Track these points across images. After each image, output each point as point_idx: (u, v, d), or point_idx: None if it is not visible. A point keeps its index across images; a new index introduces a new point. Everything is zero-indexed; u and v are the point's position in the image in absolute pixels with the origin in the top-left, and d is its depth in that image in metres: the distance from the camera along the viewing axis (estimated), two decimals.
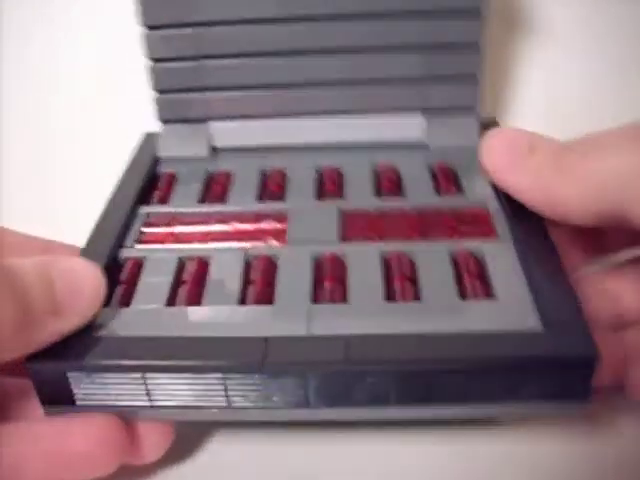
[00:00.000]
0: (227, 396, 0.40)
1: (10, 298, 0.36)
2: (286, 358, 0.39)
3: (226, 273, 0.46)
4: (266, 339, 0.40)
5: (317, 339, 0.40)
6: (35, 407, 0.41)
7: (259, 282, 0.46)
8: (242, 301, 0.44)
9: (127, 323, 0.43)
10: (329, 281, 0.45)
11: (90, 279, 0.41)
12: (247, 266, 0.47)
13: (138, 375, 0.40)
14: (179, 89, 0.58)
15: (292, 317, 0.42)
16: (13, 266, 0.38)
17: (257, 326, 0.42)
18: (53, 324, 0.39)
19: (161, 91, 0.58)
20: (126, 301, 0.45)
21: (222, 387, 0.40)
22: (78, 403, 0.41)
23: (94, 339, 0.41)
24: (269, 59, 0.56)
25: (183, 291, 0.46)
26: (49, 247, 0.46)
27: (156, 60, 0.57)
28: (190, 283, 0.46)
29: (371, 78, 0.57)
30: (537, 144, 0.44)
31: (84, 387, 0.41)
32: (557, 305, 0.41)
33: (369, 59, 0.56)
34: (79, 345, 0.41)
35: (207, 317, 0.43)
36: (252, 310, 0.43)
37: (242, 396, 0.40)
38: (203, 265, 0.47)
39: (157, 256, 0.48)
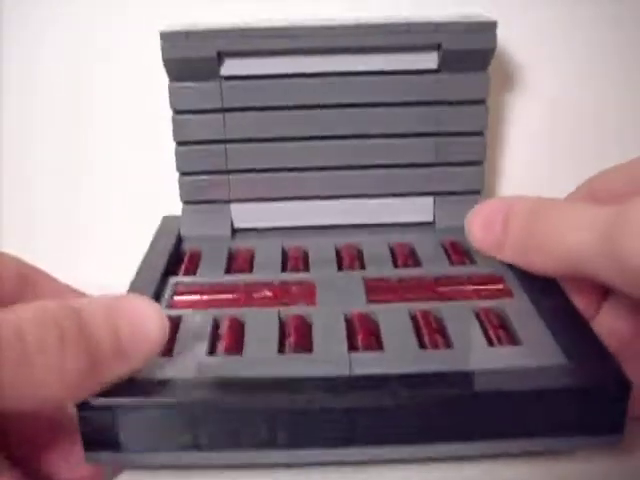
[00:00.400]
0: (275, 436, 0.41)
1: (78, 344, 0.37)
2: (334, 396, 0.41)
3: (261, 329, 0.48)
4: (313, 379, 0.41)
5: (362, 378, 0.42)
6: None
7: (295, 335, 0.47)
8: (281, 351, 0.46)
9: (172, 369, 0.44)
10: (362, 334, 0.47)
11: (154, 321, 0.41)
12: (282, 324, 0.49)
13: (186, 416, 0.41)
14: (202, 171, 0.61)
15: (333, 361, 0.44)
16: (81, 309, 0.38)
17: (301, 369, 0.43)
18: (118, 368, 0.39)
19: (185, 173, 0.61)
20: (165, 353, 0.46)
21: (270, 426, 0.41)
22: (125, 446, 0.41)
23: (141, 381, 0.42)
24: (289, 144, 0.60)
25: (222, 344, 0.47)
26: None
27: (181, 143, 0.60)
28: (227, 338, 0.48)
29: (384, 163, 0.61)
30: (510, 217, 0.48)
31: (131, 429, 0.41)
32: (581, 343, 0.44)
33: (382, 145, 0.61)
34: (128, 388, 0.41)
35: (249, 363, 0.44)
36: (293, 357, 0.45)
37: (290, 435, 0.41)
38: (238, 324, 0.49)
39: (193, 315, 0.50)
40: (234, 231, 0.62)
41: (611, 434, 0.42)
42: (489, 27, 0.57)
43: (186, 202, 0.62)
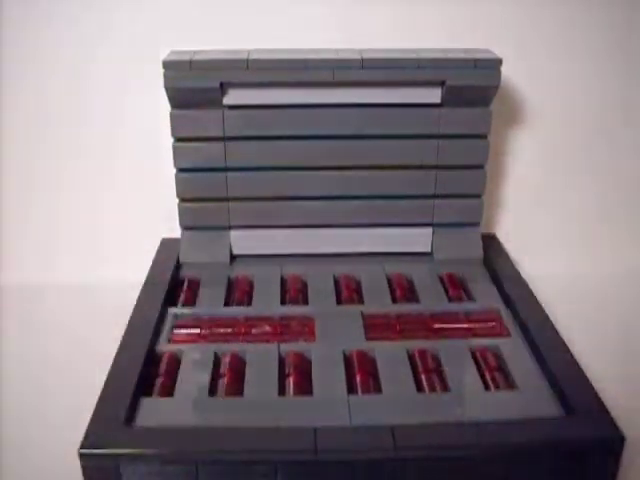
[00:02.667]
0: None
1: None
2: (336, 447, 0.41)
3: (262, 367, 0.48)
4: (315, 430, 0.42)
5: (363, 429, 0.42)
6: None
7: (295, 375, 0.48)
8: (281, 392, 0.46)
9: (173, 413, 0.44)
10: (361, 374, 0.48)
11: None
12: (281, 361, 0.49)
13: (191, 467, 0.41)
14: (202, 198, 0.61)
15: (333, 408, 0.44)
16: None
17: (302, 417, 0.43)
18: None
19: (185, 199, 0.61)
20: (168, 392, 0.46)
21: (271, 476, 0.41)
22: None
23: (144, 429, 0.43)
24: (289, 172, 0.61)
25: (222, 383, 0.47)
26: None
27: (182, 169, 0.60)
28: (228, 376, 0.48)
29: (384, 194, 0.62)
30: None
31: (134, 479, 0.41)
32: (575, 392, 0.45)
33: (383, 176, 0.61)
34: (130, 435, 0.42)
35: (249, 408, 0.44)
36: (293, 402, 0.45)
37: None
38: (239, 360, 0.49)
39: (194, 351, 0.50)
40: (233, 257, 0.63)
41: None
42: (494, 64, 0.57)
43: (185, 228, 0.62)
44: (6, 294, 0.66)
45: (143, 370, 0.48)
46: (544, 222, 0.70)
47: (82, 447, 0.41)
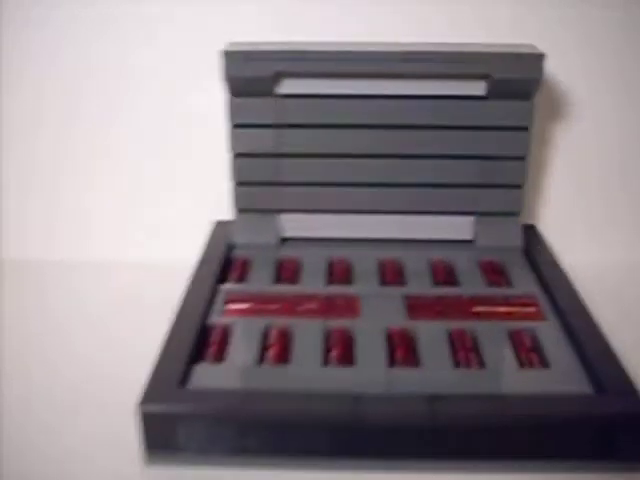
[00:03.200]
0: (316, 446, 0.45)
1: None
2: (375, 412, 0.44)
3: (307, 340, 0.51)
4: (355, 397, 0.45)
5: (400, 397, 0.45)
6: None
7: (339, 348, 0.51)
8: (325, 363, 0.49)
9: (224, 378, 0.47)
10: (401, 350, 0.51)
11: None
12: (326, 335, 0.52)
13: (238, 425, 0.44)
14: (256, 182, 0.65)
15: (373, 378, 0.47)
16: None
17: (343, 385, 0.47)
18: None
19: (240, 183, 0.65)
20: (219, 359, 0.50)
21: (312, 437, 0.44)
22: (180, 448, 0.45)
23: (197, 391, 0.46)
24: (338, 160, 0.64)
25: (270, 353, 0.51)
26: None
27: (238, 155, 0.64)
28: (275, 347, 0.51)
29: (429, 182, 0.64)
30: None
31: (187, 435, 0.45)
32: (606, 372, 0.47)
33: (428, 165, 0.64)
34: (184, 395, 0.45)
35: (295, 375, 0.48)
36: (336, 371, 0.48)
37: (330, 445, 0.44)
38: (286, 334, 0.52)
39: (244, 324, 0.53)
40: (282, 240, 0.66)
41: (632, 462, 0.45)
42: (536, 59, 0.59)
43: (239, 210, 0.66)
44: (69, 270, 0.70)
45: (196, 339, 0.51)
46: (585, 214, 0.72)
47: (142, 403, 0.44)
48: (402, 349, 0.51)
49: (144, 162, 0.72)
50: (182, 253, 0.63)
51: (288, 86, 0.61)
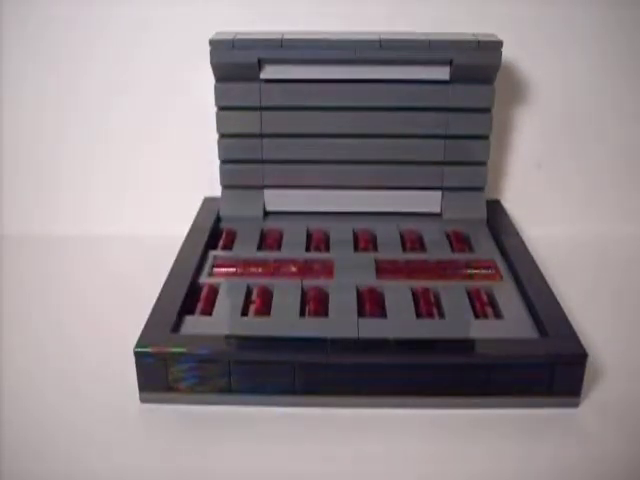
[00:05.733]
0: (294, 384, 0.50)
1: None
2: (344, 354, 0.50)
3: (286, 297, 0.57)
4: (327, 339, 0.51)
5: (367, 341, 0.51)
6: None
7: (314, 303, 0.57)
8: (302, 315, 0.55)
9: (211, 327, 0.53)
10: (370, 304, 0.57)
11: None
12: (303, 293, 0.58)
13: (223, 366, 0.50)
14: (240, 160, 0.70)
15: (345, 325, 0.53)
16: None
17: (317, 331, 0.52)
18: None
19: (225, 161, 0.71)
20: (207, 312, 0.56)
21: (291, 376, 0.50)
22: (171, 386, 0.51)
23: (187, 336, 0.52)
24: (317, 139, 0.69)
25: (253, 307, 0.57)
26: None
27: (223, 135, 0.70)
28: (257, 302, 0.57)
29: (400, 160, 0.70)
30: None
31: (177, 374, 0.50)
32: (549, 320, 0.53)
33: (399, 144, 0.70)
34: (176, 339, 0.51)
35: (275, 324, 0.54)
36: (312, 321, 0.54)
37: (307, 384, 0.50)
38: (267, 291, 0.58)
39: (230, 284, 0.59)
40: (266, 213, 0.72)
41: (570, 396, 0.51)
42: (495, 46, 0.65)
43: (225, 186, 0.72)
44: (71, 244, 0.76)
45: (187, 295, 0.57)
46: (544, 189, 0.78)
47: (137, 346, 0.50)
48: (371, 303, 0.57)
49: (140, 143, 0.78)
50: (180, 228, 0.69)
51: (270, 72, 0.67)
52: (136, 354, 0.50)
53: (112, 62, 0.75)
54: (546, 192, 0.78)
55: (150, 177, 0.78)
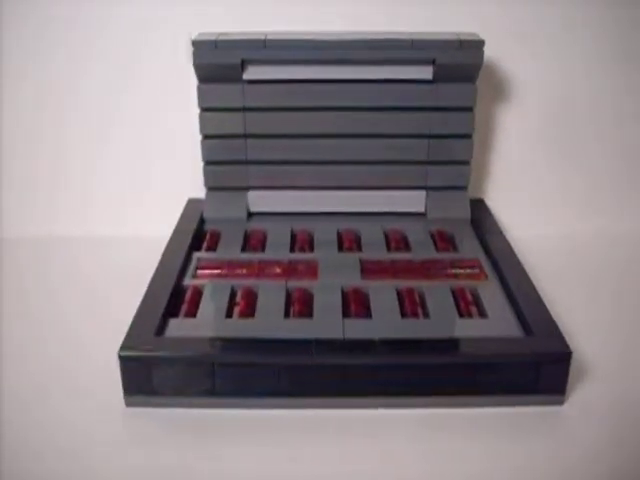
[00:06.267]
0: (279, 386, 0.50)
1: None
2: (329, 355, 0.50)
3: (271, 298, 0.57)
4: (312, 341, 0.51)
5: (352, 342, 0.51)
6: None
7: (299, 304, 0.57)
8: (286, 316, 0.55)
9: (195, 329, 0.53)
10: (355, 304, 0.57)
11: None
12: (288, 294, 0.58)
13: (208, 368, 0.50)
14: (224, 161, 0.70)
15: (330, 326, 0.53)
16: None
17: (302, 332, 0.52)
18: None
19: (209, 162, 0.70)
20: (191, 314, 0.55)
21: (275, 378, 0.50)
22: (155, 389, 0.50)
23: (171, 339, 0.52)
24: (301, 140, 0.69)
25: (237, 309, 0.56)
26: None
27: (206, 136, 0.69)
28: (242, 304, 0.57)
29: (383, 160, 0.70)
30: None
31: (162, 378, 0.50)
32: (534, 318, 0.53)
33: (382, 144, 0.70)
34: (160, 342, 0.51)
35: (259, 326, 0.53)
36: (296, 322, 0.54)
37: (291, 386, 0.50)
38: (252, 293, 0.58)
39: (214, 285, 0.59)
40: (250, 214, 0.72)
41: (555, 394, 0.51)
42: (477, 45, 0.65)
43: (209, 188, 0.71)
44: (51, 245, 0.76)
45: (171, 298, 0.56)
46: (528, 188, 0.78)
47: (121, 350, 0.50)
48: (356, 304, 0.57)
49: (123, 145, 0.78)
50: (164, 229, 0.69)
51: (253, 72, 0.67)
52: (120, 358, 0.50)
53: (101, 73, 0.75)
54: (530, 191, 0.78)
55: (133, 179, 0.78)
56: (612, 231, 0.78)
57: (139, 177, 0.78)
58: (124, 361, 0.50)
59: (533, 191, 0.79)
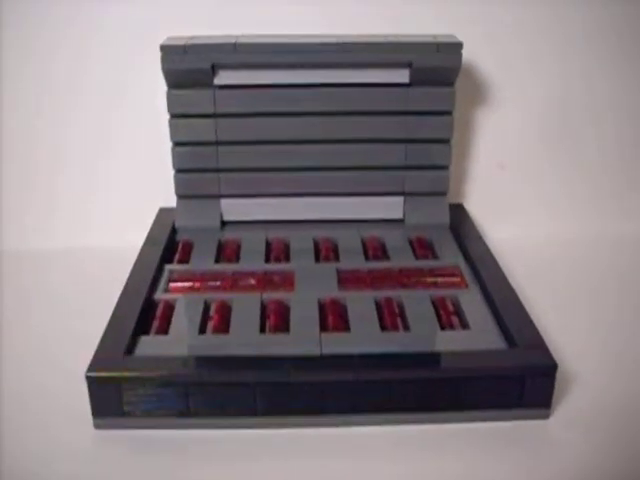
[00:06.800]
0: (255, 406, 0.48)
1: None
2: (306, 373, 0.48)
3: (246, 312, 0.55)
4: (289, 357, 0.49)
5: (330, 357, 0.49)
6: None
7: (274, 317, 0.55)
8: (262, 331, 0.53)
9: (168, 347, 0.51)
10: (332, 316, 0.55)
11: None
12: (263, 307, 0.56)
13: (181, 388, 0.48)
14: (195, 169, 0.68)
15: (307, 341, 0.51)
16: None
17: (278, 348, 0.50)
18: None
19: (180, 170, 0.68)
20: (163, 331, 0.53)
21: (252, 397, 0.48)
22: (126, 412, 0.48)
23: (142, 358, 0.49)
24: (274, 146, 0.67)
25: (211, 325, 0.54)
26: None
27: (177, 143, 0.67)
28: (216, 319, 0.55)
29: (360, 165, 0.68)
30: None
31: (133, 399, 0.48)
32: (518, 330, 0.51)
33: (359, 149, 0.68)
34: (130, 362, 0.49)
35: (234, 342, 0.51)
36: (272, 337, 0.52)
37: (268, 404, 0.48)
38: (225, 307, 0.56)
39: (186, 299, 0.57)
40: (223, 223, 0.70)
41: (541, 408, 0.49)
42: (455, 48, 0.64)
43: (180, 196, 0.69)
44: (13, 259, 0.73)
45: (141, 314, 0.54)
46: (507, 192, 0.77)
47: (89, 370, 0.47)
48: (333, 316, 0.55)
49: (93, 153, 0.75)
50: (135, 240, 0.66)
51: (224, 77, 0.65)
52: (88, 379, 0.47)
53: (65, 68, 0.72)
54: (509, 195, 0.77)
55: (104, 187, 0.75)
56: (601, 234, 0.77)
57: (107, 185, 0.75)
58: (92, 382, 0.48)
59: (512, 195, 0.77)
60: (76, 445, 0.48)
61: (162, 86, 0.66)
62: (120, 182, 0.75)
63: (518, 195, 0.77)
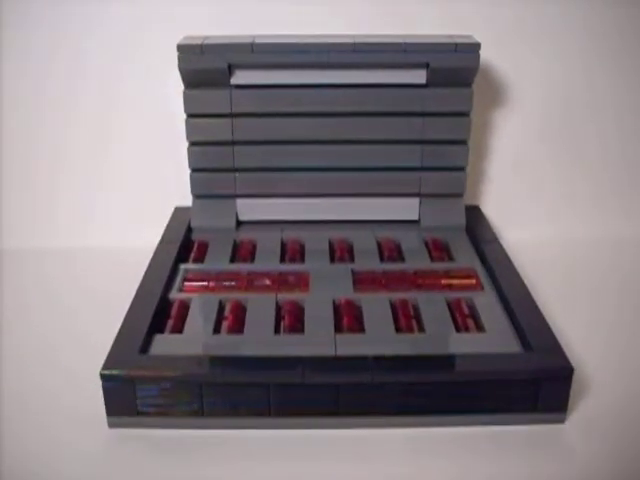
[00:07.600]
0: (269, 407, 0.48)
1: None
2: (321, 374, 0.48)
3: (260, 312, 0.55)
4: (303, 358, 0.48)
5: (345, 359, 0.49)
6: None
7: (289, 318, 0.55)
8: (277, 331, 0.53)
9: (182, 346, 0.51)
10: (347, 318, 0.54)
11: None
12: (278, 308, 0.56)
13: (195, 388, 0.48)
14: (211, 169, 0.68)
15: (321, 342, 0.51)
16: None
17: (292, 349, 0.50)
18: None
19: (196, 170, 0.68)
20: (177, 330, 0.53)
21: (265, 398, 0.48)
22: (140, 411, 0.48)
23: (156, 357, 0.49)
24: (290, 146, 0.67)
25: (225, 325, 0.54)
26: None
27: (193, 143, 0.67)
28: (230, 319, 0.55)
29: (376, 166, 0.68)
30: None
31: (147, 399, 0.48)
32: (533, 333, 0.51)
33: (375, 150, 0.67)
34: (144, 361, 0.49)
35: (249, 342, 0.51)
36: (287, 338, 0.52)
37: (282, 405, 0.48)
38: (240, 307, 0.56)
39: (201, 299, 0.57)
40: (239, 223, 0.69)
41: (556, 412, 0.49)
42: (473, 48, 0.63)
43: (196, 196, 0.69)
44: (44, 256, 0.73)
45: (156, 313, 0.54)
46: (525, 194, 0.76)
47: (103, 369, 0.47)
48: (348, 318, 0.55)
49: (110, 153, 0.75)
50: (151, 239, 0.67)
51: (241, 77, 0.65)
52: (102, 377, 0.47)
53: (73, 69, 0.72)
54: (526, 197, 0.77)
55: (120, 187, 0.75)
56: (615, 236, 0.76)
57: (124, 185, 0.75)
58: (106, 380, 0.47)
59: (530, 196, 0.77)
60: (90, 444, 0.48)
61: (180, 85, 0.65)
62: (136, 181, 0.75)
63: (535, 198, 0.77)
